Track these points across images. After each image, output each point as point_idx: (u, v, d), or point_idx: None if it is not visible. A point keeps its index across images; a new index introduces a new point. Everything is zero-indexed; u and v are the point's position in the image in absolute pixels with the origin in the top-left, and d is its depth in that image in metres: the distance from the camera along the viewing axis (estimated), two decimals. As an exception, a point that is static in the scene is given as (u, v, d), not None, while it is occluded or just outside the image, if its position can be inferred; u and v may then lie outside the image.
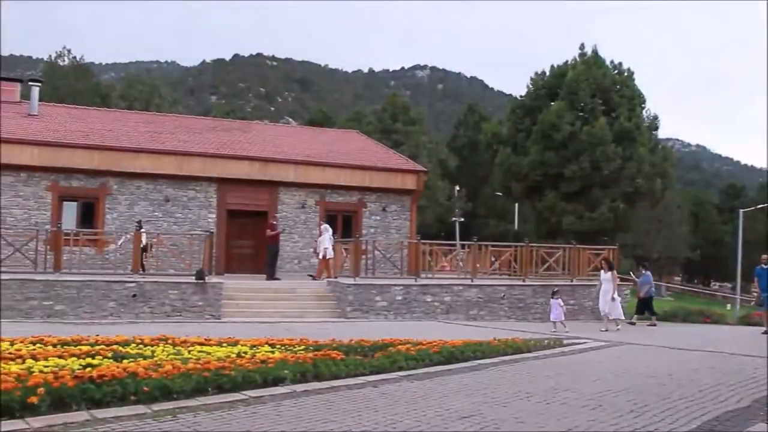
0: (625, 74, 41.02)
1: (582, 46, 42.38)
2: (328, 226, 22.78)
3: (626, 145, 38.03)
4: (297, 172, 25.12)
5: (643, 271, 20.83)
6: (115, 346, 9.58)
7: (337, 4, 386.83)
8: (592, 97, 38.85)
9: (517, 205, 53.62)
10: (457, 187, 56.49)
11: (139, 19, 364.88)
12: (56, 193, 22.80)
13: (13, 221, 21.98)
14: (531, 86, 42.78)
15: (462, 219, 54.24)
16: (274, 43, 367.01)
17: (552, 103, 40.18)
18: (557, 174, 38.43)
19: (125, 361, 8.27)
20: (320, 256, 22.05)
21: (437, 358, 9.94)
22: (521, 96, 44.64)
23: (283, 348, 10.17)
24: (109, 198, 23.26)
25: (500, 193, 50.58)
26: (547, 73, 42.62)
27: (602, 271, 18.10)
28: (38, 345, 9.58)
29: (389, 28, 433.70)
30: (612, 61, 41.46)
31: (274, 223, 22.67)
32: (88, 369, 7.38)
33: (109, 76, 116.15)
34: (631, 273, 23.95)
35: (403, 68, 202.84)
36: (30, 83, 27.72)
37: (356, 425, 6.20)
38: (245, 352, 9.47)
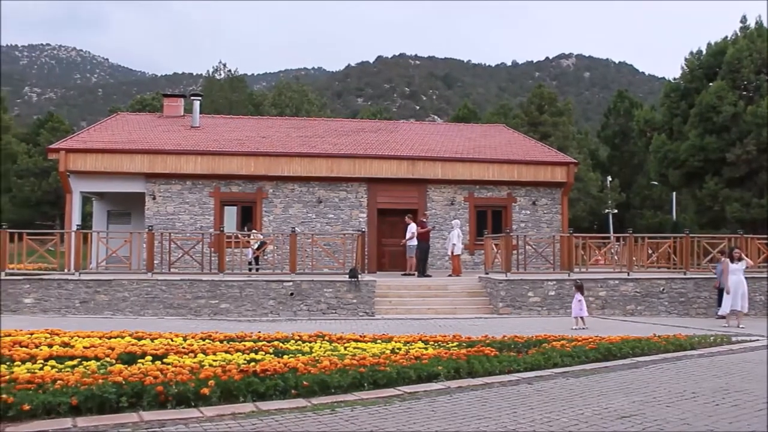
0: (797, 46, 37.66)
1: (744, 19, 39.43)
2: (458, 221, 22.83)
3: (799, 124, 34.99)
4: (445, 168, 25.18)
5: (723, 259, 18.92)
6: (276, 343, 10.05)
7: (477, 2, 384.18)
8: (757, 74, 36.03)
9: (674, 193, 50.80)
10: (609, 178, 54.44)
11: (286, 30, 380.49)
12: (218, 198, 24.24)
13: (181, 226, 23.62)
14: (686, 67, 40.31)
15: (615, 210, 52.19)
16: (416, 41, 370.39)
17: (711, 84, 37.66)
18: (719, 159, 35.98)
19: (286, 356, 8.65)
20: (450, 252, 22.12)
21: (593, 355, 9.66)
22: (675, 78, 42.20)
23: (436, 344, 10.25)
24: (265, 201, 24.42)
25: (656, 182, 48.12)
26: (704, 52, 40.01)
27: (727, 261, 16.49)
28: (207, 341, 10.25)
29: (531, 19, 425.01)
30: (781, 32, 38.19)
31: (424, 220, 22.85)
32: (252, 364, 7.80)
33: (261, 86, 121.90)
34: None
35: (547, 58, 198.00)
36: (192, 98, 29.63)
37: (512, 423, 6.14)
38: (399, 349, 9.62)
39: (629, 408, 6.68)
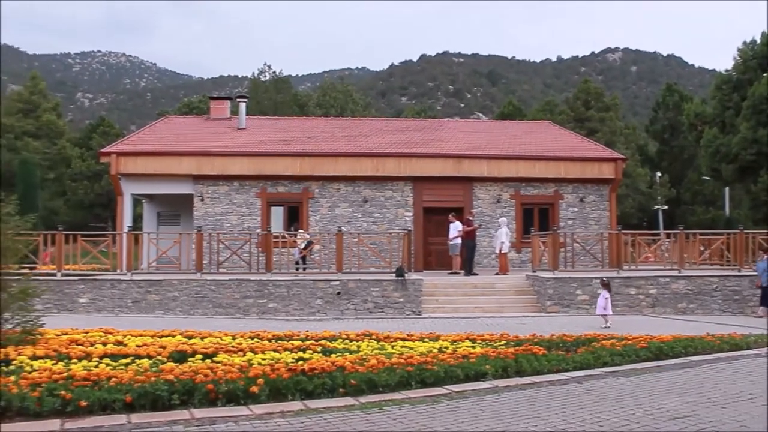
0: None
1: (799, 8, 38.31)
2: (505, 219, 22.64)
3: None
4: (490, 166, 25.00)
5: (765, 256, 18.17)
6: (323, 341, 10.11)
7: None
8: (813, 64, 35.00)
9: (727, 188, 49.65)
10: (659, 173, 53.46)
11: (330, 31, 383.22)
12: (264, 198, 24.49)
13: (229, 227, 23.93)
14: (739, 58, 39.35)
15: (665, 207, 51.24)
16: (459, 39, 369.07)
17: (765, 74, 36.64)
18: (774, 152, 35.03)
19: (333, 355, 8.70)
20: (497, 251, 21.95)
21: (644, 354, 9.50)
22: (727, 70, 41.25)
23: (483, 343, 10.19)
24: (311, 201, 24.59)
25: (707, 177, 47.16)
26: (758, 41, 38.94)
27: None
28: (255, 339, 10.37)
29: (576, 13, 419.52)
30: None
31: (471, 218, 22.73)
32: (300, 362, 7.87)
33: (306, 87, 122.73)
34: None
35: (593, 53, 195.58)
36: (238, 100, 29.96)
37: (561, 422, 6.07)
38: (446, 348, 9.60)
39: (682, 409, 6.55)
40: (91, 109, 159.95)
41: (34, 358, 8.17)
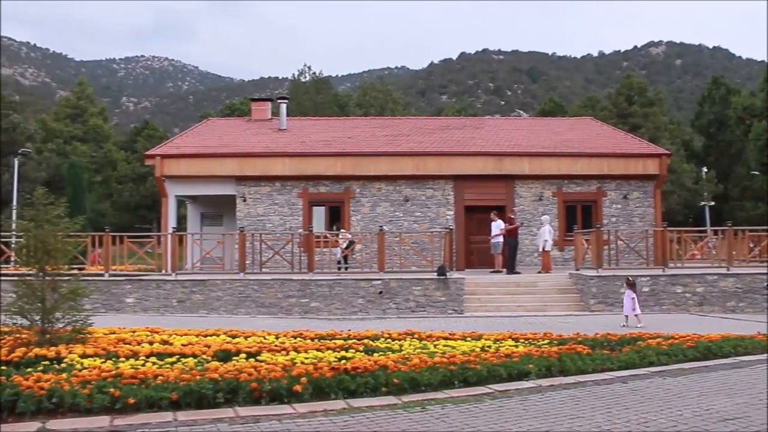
0: None
1: None
2: (547, 217, 22.39)
3: None
4: (532, 164, 24.79)
5: None
6: (365, 341, 10.15)
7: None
8: None
9: (778, 183, 48.46)
10: (705, 169, 52.34)
11: (368, 31, 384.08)
12: (306, 199, 24.66)
13: (271, 227, 24.15)
14: (789, 50, 38.29)
15: (712, 203, 50.17)
16: (499, 36, 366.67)
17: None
18: (826, 146, 34.03)
19: (376, 354, 8.73)
20: (540, 249, 21.73)
21: (692, 353, 9.33)
22: (777, 62, 40.17)
23: (526, 342, 10.12)
24: (352, 201, 24.67)
25: (756, 172, 45.97)
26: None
27: None
28: (298, 339, 10.46)
29: (617, 7, 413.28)
30: None
31: (513, 216, 22.57)
32: (343, 361, 7.91)
33: (345, 87, 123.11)
34: None
35: (635, 47, 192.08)
36: (278, 101, 30.19)
37: (606, 423, 5.99)
38: (489, 347, 9.56)
39: (733, 410, 6.41)
40: (135, 112, 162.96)
41: (84, 356, 8.37)
